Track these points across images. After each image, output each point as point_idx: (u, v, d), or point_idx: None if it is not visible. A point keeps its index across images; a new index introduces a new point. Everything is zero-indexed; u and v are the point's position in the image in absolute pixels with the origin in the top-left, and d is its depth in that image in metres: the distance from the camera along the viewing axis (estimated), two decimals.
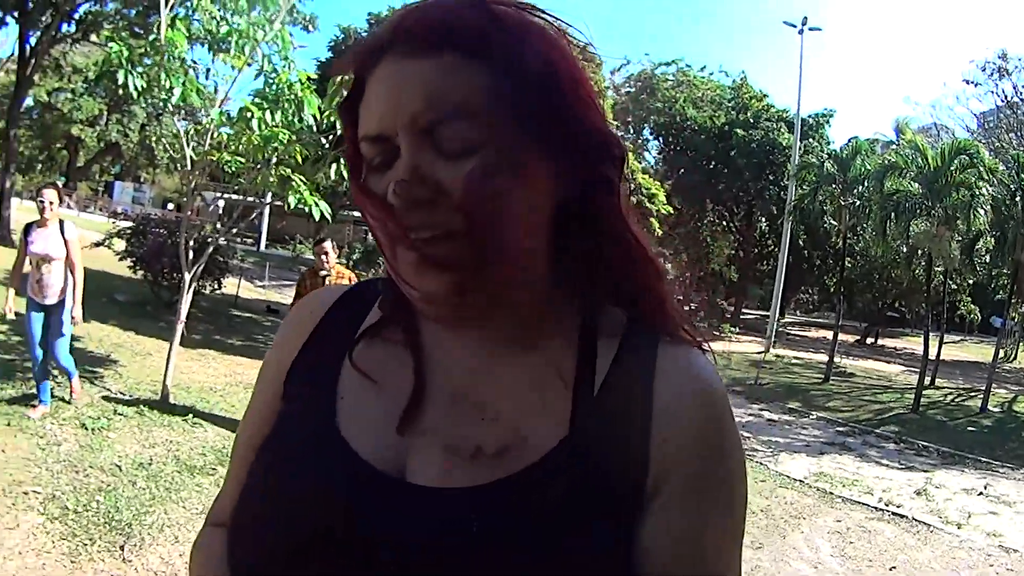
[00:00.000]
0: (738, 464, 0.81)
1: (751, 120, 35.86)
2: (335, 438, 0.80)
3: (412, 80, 0.72)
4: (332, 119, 7.31)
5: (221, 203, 30.70)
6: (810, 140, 33.47)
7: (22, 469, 5.33)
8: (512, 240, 0.75)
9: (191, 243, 8.09)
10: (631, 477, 0.76)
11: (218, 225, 10.62)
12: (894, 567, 6.64)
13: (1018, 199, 17.52)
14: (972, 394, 19.15)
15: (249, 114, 6.91)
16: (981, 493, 9.81)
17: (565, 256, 0.82)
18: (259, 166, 7.52)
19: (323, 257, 7.01)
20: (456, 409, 0.80)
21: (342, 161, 6.94)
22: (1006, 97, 34.84)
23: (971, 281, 26.43)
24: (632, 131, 41.00)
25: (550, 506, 0.73)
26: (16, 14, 20.27)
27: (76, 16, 21.65)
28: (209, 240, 8.52)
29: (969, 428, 15.08)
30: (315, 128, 7.56)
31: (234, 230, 11.17)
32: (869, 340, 35.84)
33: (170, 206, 45.90)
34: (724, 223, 40.38)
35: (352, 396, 0.84)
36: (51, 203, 6.28)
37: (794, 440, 12.30)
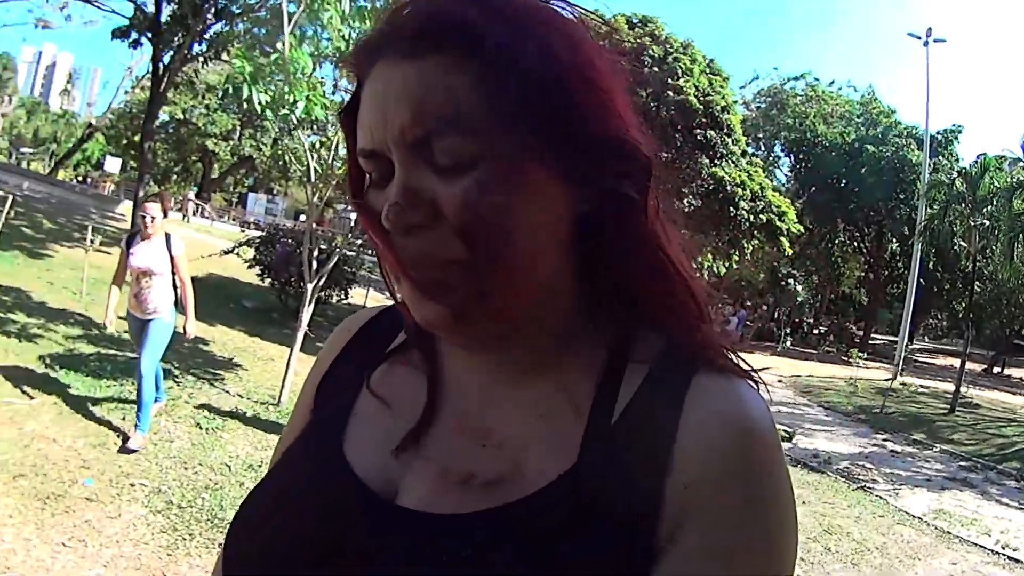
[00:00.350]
0: (780, 518, 0.67)
1: (880, 136, 34.78)
2: (337, 455, 0.78)
3: (399, 88, 0.65)
4: None
5: (353, 215, 31.32)
6: (939, 157, 32.26)
7: (132, 462, 5.50)
8: (519, 263, 0.67)
9: (315, 253, 8.30)
10: (638, 522, 0.65)
11: (349, 236, 10.85)
12: None
13: None
14: None
15: None
16: None
17: (589, 276, 0.74)
18: None
19: None
20: (460, 434, 0.76)
21: None
22: None
23: None
24: (763, 147, 40.39)
25: (535, 544, 0.65)
26: (150, 35, 21.60)
27: (207, 36, 22.83)
28: (337, 250, 8.70)
29: None
30: None
31: (359, 241, 11.45)
32: (996, 369, 34.11)
33: (302, 217, 47.23)
34: (854, 243, 39.26)
35: (365, 415, 0.82)
36: (153, 218, 5.95)
37: (916, 473, 11.73)
